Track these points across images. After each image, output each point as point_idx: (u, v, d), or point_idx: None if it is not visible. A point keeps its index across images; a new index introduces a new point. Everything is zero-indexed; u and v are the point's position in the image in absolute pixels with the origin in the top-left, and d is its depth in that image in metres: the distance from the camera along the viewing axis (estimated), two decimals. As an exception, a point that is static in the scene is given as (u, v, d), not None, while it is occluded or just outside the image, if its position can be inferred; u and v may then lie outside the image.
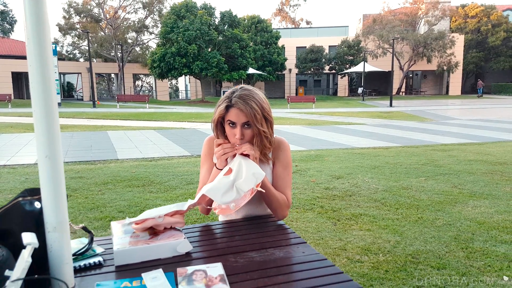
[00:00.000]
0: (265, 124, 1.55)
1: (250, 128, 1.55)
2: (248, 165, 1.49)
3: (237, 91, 1.56)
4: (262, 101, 1.56)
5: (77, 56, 40.95)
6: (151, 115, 18.07)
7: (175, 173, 5.73)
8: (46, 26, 1.00)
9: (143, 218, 1.36)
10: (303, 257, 1.30)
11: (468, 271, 2.70)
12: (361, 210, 4.02)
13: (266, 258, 1.29)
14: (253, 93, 1.56)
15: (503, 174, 5.71)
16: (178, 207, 1.42)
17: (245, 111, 1.50)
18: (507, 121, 14.09)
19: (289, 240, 1.46)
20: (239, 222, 1.65)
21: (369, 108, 22.81)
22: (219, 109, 1.55)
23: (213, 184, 1.46)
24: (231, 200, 1.41)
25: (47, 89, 1.02)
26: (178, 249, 1.30)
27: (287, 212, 1.66)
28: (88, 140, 9.76)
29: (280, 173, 1.66)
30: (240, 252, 1.34)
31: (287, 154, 1.69)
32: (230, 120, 1.54)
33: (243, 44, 29.50)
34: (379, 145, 8.79)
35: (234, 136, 1.55)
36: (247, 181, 1.42)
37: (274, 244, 1.41)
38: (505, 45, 38.19)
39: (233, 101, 1.53)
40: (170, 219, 1.37)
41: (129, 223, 1.41)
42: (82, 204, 4.18)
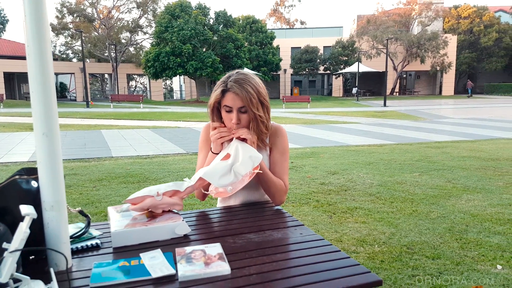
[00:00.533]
0: (261, 109, 1.54)
1: (246, 113, 1.54)
2: (245, 149, 1.49)
3: (233, 75, 1.56)
4: (258, 85, 1.55)
5: (70, 56, 40.71)
6: (145, 115, 18.01)
7: (171, 170, 5.72)
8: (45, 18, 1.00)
9: (140, 196, 1.35)
10: (300, 238, 1.30)
11: (462, 260, 2.73)
12: (356, 204, 4.03)
13: (264, 239, 1.30)
14: (249, 77, 1.56)
15: (495, 169, 5.76)
16: (177, 186, 1.41)
17: (241, 95, 1.50)
18: (499, 120, 14.21)
19: (287, 223, 1.46)
20: (237, 207, 1.65)
21: (364, 107, 22.91)
22: (215, 93, 1.55)
23: (210, 168, 1.46)
24: (228, 183, 1.41)
25: (44, 65, 1.02)
26: (176, 231, 1.30)
27: (284, 197, 1.66)
28: (82, 138, 9.71)
29: (277, 159, 1.66)
30: (238, 234, 1.34)
31: (284, 140, 1.69)
32: (226, 104, 1.54)
33: (238, 44, 29.49)
34: (373, 142, 8.83)
35: (231, 120, 1.54)
36: (244, 164, 1.42)
37: (272, 227, 1.41)
38: (497, 46, 38.52)
39: (228, 85, 1.52)
40: (169, 200, 1.37)
41: (127, 208, 1.41)
42: (77, 199, 4.16)
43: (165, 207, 1.36)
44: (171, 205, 1.37)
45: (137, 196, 1.37)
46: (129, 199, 1.36)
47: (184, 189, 1.41)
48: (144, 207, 1.35)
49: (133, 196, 1.37)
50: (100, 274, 1.03)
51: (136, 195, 1.37)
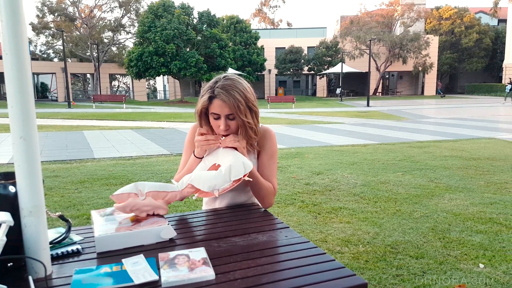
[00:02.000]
0: (249, 115, 1.52)
1: (234, 120, 1.52)
2: (235, 156, 1.47)
3: (220, 80, 1.53)
4: (246, 91, 1.52)
5: (51, 56, 39.94)
6: (128, 115, 17.79)
7: (154, 171, 5.66)
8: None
9: (125, 193, 1.32)
10: (285, 241, 1.29)
11: (445, 259, 2.77)
12: (340, 204, 4.06)
13: (249, 242, 1.28)
14: (236, 82, 1.53)
15: (477, 168, 5.87)
16: (163, 187, 1.39)
17: (228, 102, 1.47)
18: (479, 120, 14.51)
19: (272, 225, 1.45)
20: (222, 210, 1.63)
21: (347, 108, 23.11)
22: (202, 100, 1.52)
23: (199, 174, 1.44)
24: (217, 188, 1.39)
25: (21, 65, 0.98)
26: (161, 235, 1.28)
27: (273, 199, 1.66)
28: (63, 139, 9.53)
29: (266, 162, 1.65)
30: (223, 237, 1.33)
31: (273, 142, 1.68)
32: (213, 112, 1.51)
33: (222, 44, 29.40)
34: (357, 142, 8.91)
35: (219, 127, 1.52)
36: (237, 170, 1.40)
37: (257, 230, 1.40)
38: (478, 47, 39.35)
39: (215, 92, 1.49)
40: (153, 202, 1.34)
41: (111, 212, 1.38)
42: (58, 202, 4.08)
43: (149, 209, 1.34)
44: (155, 208, 1.35)
45: (122, 192, 1.34)
46: (115, 195, 1.33)
47: (170, 191, 1.39)
48: (127, 207, 1.32)
49: (118, 192, 1.34)
50: (81, 281, 1.00)
51: (121, 191, 1.34)
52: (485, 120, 14.28)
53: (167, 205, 1.39)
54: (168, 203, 1.40)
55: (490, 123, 13.40)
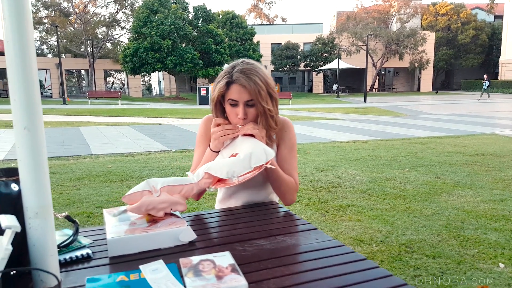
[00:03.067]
0: (270, 102, 1.39)
1: (254, 107, 1.39)
2: (255, 142, 1.34)
3: (238, 65, 1.40)
4: (267, 76, 1.40)
5: (45, 52, 39.53)
6: (124, 111, 17.59)
7: (154, 168, 5.52)
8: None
9: (138, 191, 1.20)
10: (317, 244, 1.17)
11: (463, 259, 2.66)
12: (348, 201, 3.94)
13: (277, 245, 1.16)
14: (256, 67, 1.40)
15: (482, 165, 5.78)
16: (177, 181, 1.26)
17: (248, 87, 1.34)
18: (477, 116, 14.47)
19: (298, 226, 1.33)
20: (239, 209, 1.51)
21: (344, 104, 23.02)
22: (219, 86, 1.39)
23: (216, 161, 1.31)
24: (236, 175, 1.26)
25: (24, 47, 0.85)
26: (180, 237, 1.15)
27: (295, 196, 1.53)
28: (59, 135, 9.35)
29: (286, 155, 1.52)
30: (247, 240, 1.20)
31: (292, 134, 1.55)
32: (231, 98, 1.38)
33: (218, 39, 29.14)
34: (358, 138, 8.80)
35: (236, 115, 1.39)
36: (257, 156, 1.28)
37: (282, 231, 1.27)
38: (474, 43, 39.34)
39: (234, 76, 1.36)
40: (169, 198, 1.21)
41: (124, 210, 1.25)
42: (57, 200, 3.93)
43: (166, 206, 1.20)
44: (173, 204, 1.21)
45: (134, 191, 1.21)
46: (126, 196, 1.20)
47: (185, 184, 1.26)
48: (142, 207, 1.19)
49: (129, 192, 1.21)
50: (96, 292, 0.88)
51: (133, 191, 1.21)
52: (483, 116, 14.23)
53: (184, 200, 1.26)
54: (186, 198, 1.27)
55: (489, 119, 13.35)
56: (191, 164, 1.61)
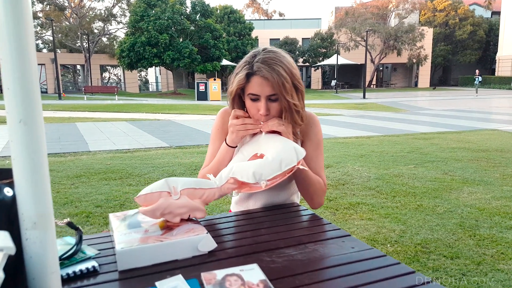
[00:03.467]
0: (295, 95, 1.23)
1: (277, 101, 1.24)
2: (283, 141, 1.20)
3: (259, 53, 1.24)
4: (292, 66, 1.24)
5: (40, 47, 39.12)
6: (121, 107, 17.38)
7: (155, 164, 5.36)
8: None
9: (154, 192, 1.05)
10: (356, 254, 1.03)
11: (482, 259, 2.54)
12: (357, 199, 3.81)
13: (309, 256, 1.02)
14: (280, 55, 1.24)
15: (488, 160, 5.67)
16: (199, 184, 1.11)
17: (271, 80, 1.18)
18: (477, 111, 14.38)
19: (328, 232, 1.19)
20: (259, 212, 1.36)
21: (343, 100, 22.90)
22: (238, 78, 1.24)
23: (239, 165, 1.16)
24: (264, 179, 1.11)
25: (21, 22, 0.70)
26: (199, 247, 1.01)
27: (324, 198, 1.39)
28: (55, 131, 9.16)
29: (311, 153, 1.38)
30: (274, 249, 1.06)
31: (318, 130, 1.40)
32: (252, 92, 1.23)
33: (216, 34, 28.89)
34: (360, 134, 8.68)
35: (258, 111, 1.24)
36: (288, 156, 1.13)
37: (312, 238, 1.13)
38: (471, 39, 39.25)
39: (255, 67, 1.21)
40: (190, 203, 1.06)
41: (133, 214, 1.11)
42: (54, 199, 3.77)
43: (184, 212, 1.06)
44: (192, 209, 1.06)
45: (151, 191, 1.06)
46: (142, 196, 1.05)
47: (207, 188, 1.11)
48: (157, 210, 1.03)
49: (144, 192, 1.06)
50: (107, 319, 0.73)
51: (150, 190, 1.06)
52: (483, 112, 14.15)
53: (204, 206, 1.12)
54: (206, 204, 1.12)
55: (489, 114, 13.27)
56: (193, 161, 1.47)
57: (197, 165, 5.20)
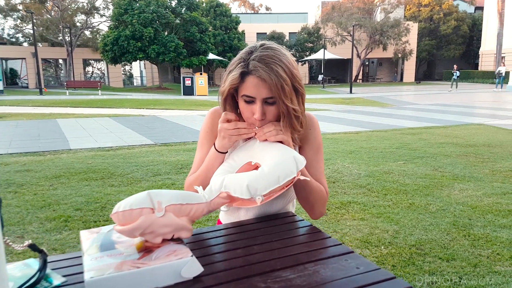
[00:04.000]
0: (295, 99, 1.09)
1: (274, 105, 1.09)
2: (281, 149, 1.06)
3: (256, 50, 1.08)
4: (292, 66, 1.09)
5: (20, 40, 38.12)
6: (104, 102, 17.01)
7: (138, 163, 5.18)
8: None
9: (134, 208, 0.90)
10: (362, 277, 0.91)
11: (479, 261, 2.46)
12: (349, 198, 3.72)
13: (309, 280, 0.89)
14: (279, 53, 1.08)
15: (477, 156, 5.65)
16: (186, 199, 0.96)
17: (269, 81, 1.04)
18: (462, 106, 14.49)
19: (329, 249, 1.06)
20: (251, 224, 1.22)
21: (330, 94, 22.89)
22: (231, 77, 1.08)
23: (232, 177, 1.02)
24: (260, 194, 0.98)
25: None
26: (183, 273, 0.87)
27: (325, 208, 1.27)
28: (35, 128, 8.86)
29: (311, 158, 1.24)
30: (269, 271, 0.93)
31: (317, 133, 1.27)
32: (246, 94, 1.08)
33: (202, 28, 28.52)
34: (349, 130, 8.61)
35: (252, 114, 1.10)
36: (287, 167, 0.99)
37: (311, 257, 1.00)
38: (456, 34, 39.65)
39: (251, 65, 1.05)
40: (176, 221, 0.91)
41: (108, 232, 0.96)
42: (31, 201, 3.58)
43: (168, 232, 0.91)
44: (178, 229, 0.92)
45: (128, 208, 0.89)
46: (120, 212, 0.89)
47: (195, 203, 0.97)
48: (137, 230, 0.88)
49: (122, 208, 0.89)
50: None
51: (130, 206, 0.89)
52: (468, 106, 14.27)
53: (191, 223, 0.98)
54: (193, 221, 0.98)
55: (473, 109, 13.39)
56: (179, 159, 1.32)
57: (183, 164, 5.04)
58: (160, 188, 4.04)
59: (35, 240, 2.78)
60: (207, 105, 15.59)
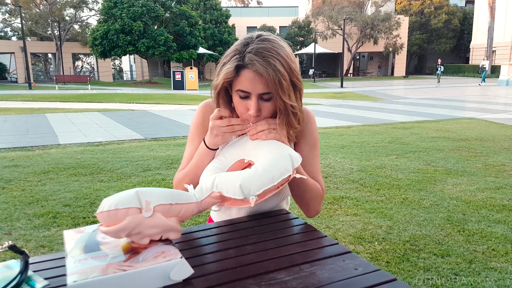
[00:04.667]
0: (293, 95, 1.03)
1: (270, 101, 1.03)
2: (275, 146, 1.01)
3: (252, 42, 1.01)
4: (291, 60, 1.03)
5: (9, 35, 37.48)
6: (94, 97, 16.80)
7: (128, 158, 5.10)
8: None
9: (121, 208, 0.84)
10: (361, 279, 0.86)
11: (474, 257, 2.44)
12: (341, 193, 3.69)
13: (305, 282, 0.85)
14: (277, 46, 1.03)
15: (469, 150, 5.66)
16: (175, 198, 0.91)
17: (266, 76, 0.97)
18: (453, 100, 14.57)
19: (326, 249, 1.02)
20: (244, 223, 1.17)
21: (322, 89, 22.87)
22: (225, 70, 1.01)
23: (224, 176, 0.96)
24: (253, 194, 0.92)
25: None
26: (172, 275, 0.81)
27: (321, 205, 1.22)
28: (24, 123, 8.71)
29: (307, 154, 1.19)
30: (262, 273, 0.88)
31: (314, 128, 1.21)
32: (241, 89, 1.01)
33: (192, 21, 28.25)
34: (340, 124, 8.59)
35: (246, 110, 1.04)
36: (282, 165, 0.94)
37: (307, 257, 0.96)
38: (446, 27, 39.82)
39: (247, 59, 0.98)
40: (164, 221, 0.86)
41: (93, 232, 0.91)
42: (19, 197, 3.50)
43: (156, 233, 0.85)
44: (166, 230, 0.87)
45: (113, 208, 0.83)
46: (105, 212, 0.84)
47: (184, 202, 0.92)
48: (123, 231, 0.82)
49: (107, 207, 0.84)
50: None
51: (115, 206, 0.83)
52: (459, 100, 14.34)
53: (180, 224, 0.92)
54: (182, 221, 0.93)
55: (465, 103, 13.45)
56: (170, 154, 1.26)
57: (174, 159, 4.97)
58: (150, 183, 3.97)
59: (23, 236, 2.70)
60: (198, 99, 15.47)
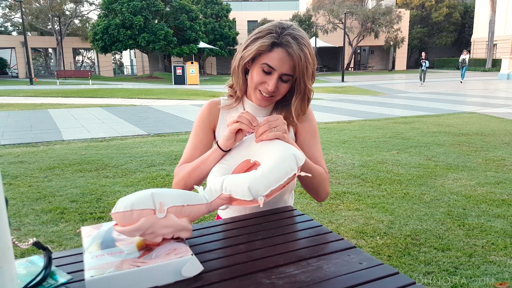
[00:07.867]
0: (311, 82, 1.16)
1: (287, 83, 1.14)
2: (281, 145, 1.05)
3: (288, 27, 1.12)
4: (313, 53, 1.15)
5: (9, 30, 37.43)
6: (95, 92, 16.83)
7: (132, 154, 5.15)
8: None
9: (136, 209, 0.88)
10: (366, 272, 0.91)
11: (474, 251, 2.50)
12: (343, 188, 3.74)
13: (313, 275, 0.90)
14: (307, 39, 1.15)
15: (470, 145, 5.70)
16: (187, 200, 0.95)
17: (296, 59, 1.08)
18: (454, 94, 14.57)
19: (331, 244, 1.07)
20: (249, 220, 1.22)
21: (323, 83, 22.86)
22: (261, 43, 1.09)
23: (232, 178, 1.01)
24: (261, 194, 0.97)
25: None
26: (183, 271, 0.86)
27: (329, 186, 1.29)
28: (27, 119, 8.76)
29: (309, 141, 1.26)
30: (272, 267, 0.93)
31: (313, 116, 1.30)
32: (268, 63, 1.10)
33: (192, 16, 28.18)
34: (341, 119, 8.62)
35: (263, 83, 1.13)
36: (287, 165, 0.99)
37: (314, 252, 1.01)
38: (447, 21, 39.67)
39: (283, 39, 1.09)
40: (176, 221, 0.91)
41: (109, 230, 0.96)
42: (26, 193, 3.55)
43: (168, 233, 0.90)
44: (178, 230, 0.92)
45: (129, 209, 0.87)
46: (121, 212, 0.87)
47: (195, 204, 0.97)
48: (137, 231, 0.86)
49: (123, 208, 0.86)
50: None
51: (131, 207, 0.86)
52: (460, 94, 14.35)
53: (191, 223, 0.97)
54: (192, 221, 0.98)
55: (465, 97, 13.46)
56: (173, 150, 1.31)
57: (177, 154, 5.02)
58: (154, 179, 4.02)
59: (32, 232, 2.76)
60: (199, 94, 15.50)
